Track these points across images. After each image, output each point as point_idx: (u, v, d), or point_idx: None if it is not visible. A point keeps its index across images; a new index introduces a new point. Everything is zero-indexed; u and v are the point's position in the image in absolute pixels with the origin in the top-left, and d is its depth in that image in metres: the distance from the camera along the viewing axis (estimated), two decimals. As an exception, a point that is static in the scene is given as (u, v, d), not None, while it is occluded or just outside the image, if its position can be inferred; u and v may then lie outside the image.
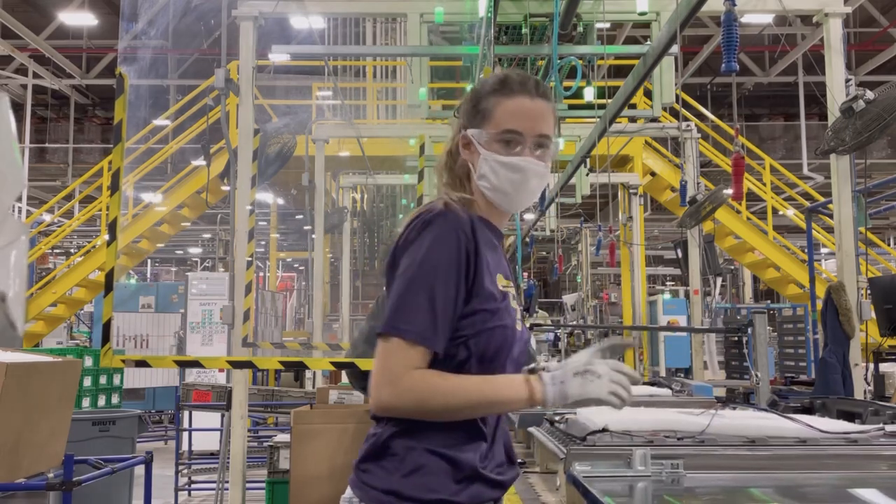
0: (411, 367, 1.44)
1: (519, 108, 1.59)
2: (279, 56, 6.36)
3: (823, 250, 16.45)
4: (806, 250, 7.85)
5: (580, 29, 5.23)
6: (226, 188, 5.78)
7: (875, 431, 2.25)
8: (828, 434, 2.19)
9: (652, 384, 4.20)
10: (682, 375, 9.85)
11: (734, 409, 2.84)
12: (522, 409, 1.53)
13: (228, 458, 4.78)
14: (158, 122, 12.12)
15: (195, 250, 24.76)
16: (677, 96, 5.69)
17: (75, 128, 18.11)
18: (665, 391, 3.87)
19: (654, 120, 7.73)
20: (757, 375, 3.69)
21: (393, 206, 15.30)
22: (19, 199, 14.42)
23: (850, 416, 2.77)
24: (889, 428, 2.30)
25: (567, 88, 5.37)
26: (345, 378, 8.25)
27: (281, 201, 14.88)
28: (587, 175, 8.89)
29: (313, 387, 8.39)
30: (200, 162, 10.01)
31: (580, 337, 11.88)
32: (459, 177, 1.66)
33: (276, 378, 9.12)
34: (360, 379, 4.03)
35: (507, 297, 1.59)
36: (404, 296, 1.47)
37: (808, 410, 3.01)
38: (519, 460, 1.73)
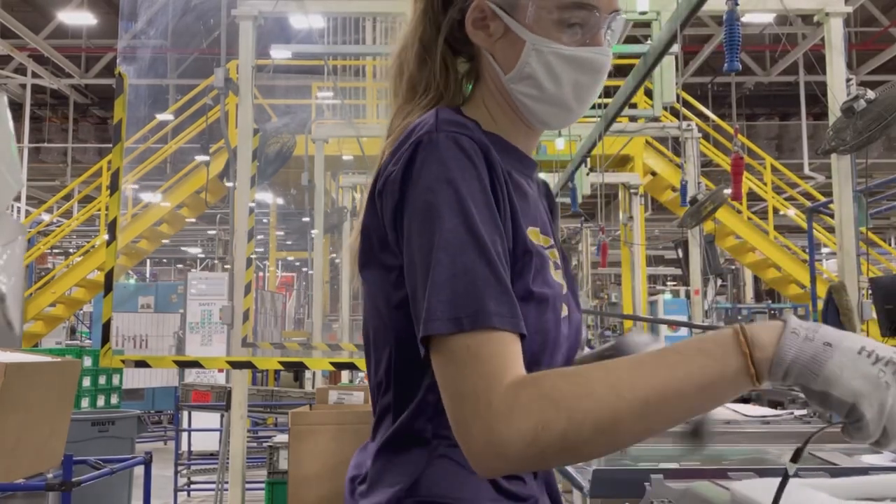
0: (514, 370, 0.85)
1: None
2: (281, 53, 6.34)
3: (824, 250, 16.45)
4: (807, 250, 7.84)
5: (581, 28, 5.21)
6: (228, 186, 5.77)
7: (786, 415, 2.69)
8: (748, 417, 2.60)
9: None
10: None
11: None
12: (737, 394, 0.84)
13: (228, 458, 4.77)
14: (161, 116, 12.10)
15: (195, 250, 24.74)
16: (678, 96, 5.68)
17: (63, 127, 18.11)
18: None
19: (655, 119, 7.73)
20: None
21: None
22: (18, 199, 14.42)
23: (775, 404, 3.21)
24: (797, 412, 2.73)
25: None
26: (344, 378, 8.26)
27: (281, 201, 14.87)
28: (587, 175, 8.89)
29: (313, 387, 8.37)
30: (202, 158, 10.00)
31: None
32: (439, 85, 1.06)
33: (276, 378, 9.11)
34: None
35: (546, 260, 1.01)
36: (441, 260, 0.88)
37: (745, 401, 3.37)
38: None
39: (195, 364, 5.49)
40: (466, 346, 0.85)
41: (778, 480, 0.91)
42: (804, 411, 2.77)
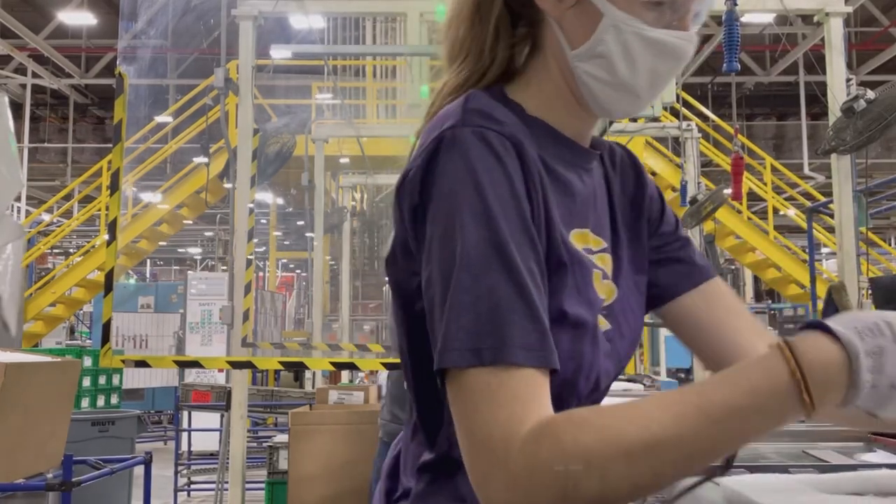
0: (539, 412, 0.74)
1: None
2: (281, 53, 6.34)
3: (824, 250, 16.44)
4: (807, 250, 7.84)
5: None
6: (228, 186, 5.77)
7: None
8: None
9: (627, 380, 4.43)
10: (684, 375, 9.83)
11: None
12: (785, 423, 0.73)
13: (228, 458, 4.77)
14: (160, 118, 12.12)
15: (195, 250, 24.75)
16: (678, 96, 5.68)
17: (63, 127, 18.13)
18: (637, 386, 4.13)
19: (655, 119, 7.72)
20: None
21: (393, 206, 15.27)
22: (18, 199, 14.42)
23: None
24: None
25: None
26: (344, 378, 8.26)
27: (280, 201, 14.87)
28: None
29: (313, 387, 8.38)
30: (202, 159, 10.02)
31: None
32: (483, 52, 0.92)
33: (276, 378, 9.11)
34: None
35: (588, 271, 0.89)
36: (462, 281, 0.77)
37: None
38: None
39: (195, 364, 5.49)
40: (486, 383, 0.74)
41: (770, 476, 0.88)
42: None
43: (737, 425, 0.71)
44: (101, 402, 8.73)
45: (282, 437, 4.83)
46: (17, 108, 15.65)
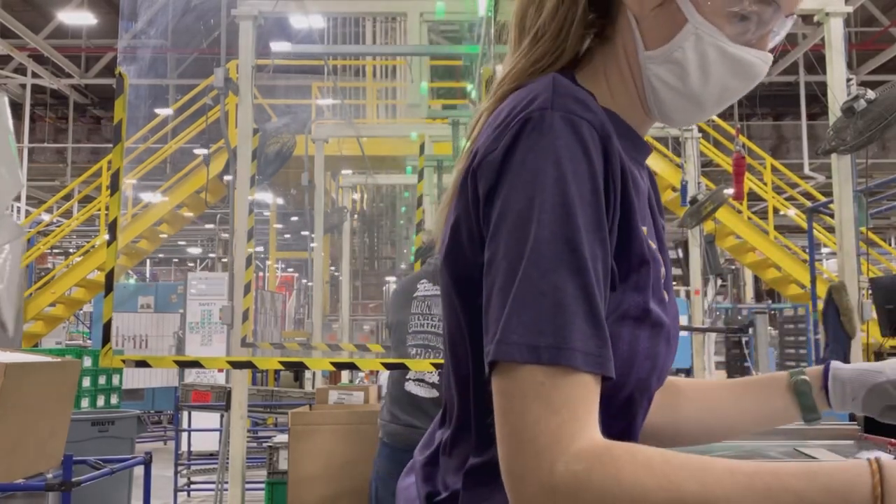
0: (590, 432, 0.73)
1: None
2: (282, 49, 6.34)
3: (824, 250, 16.45)
4: (807, 250, 7.84)
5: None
6: (228, 178, 5.77)
7: None
8: None
9: None
10: (684, 376, 9.84)
11: None
12: None
13: (228, 458, 4.77)
14: (162, 111, 12.12)
15: (195, 250, 24.75)
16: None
17: (63, 127, 18.12)
18: None
19: (655, 119, 7.70)
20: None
21: (393, 206, 15.29)
22: (18, 199, 14.42)
23: None
24: None
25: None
26: (344, 378, 8.26)
27: (281, 201, 14.88)
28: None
29: (313, 387, 8.38)
30: (202, 151, 10.02)
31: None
32: (558, 34, 0.88)
33: (276, 378, 9.11)
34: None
35: (660, 271, 0.88)
36: (529, 274, 0.74)
37: None
38: None
39: (195, 364, 5.48)
40: (540, 383, 0.72)
41: None
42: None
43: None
44: (100, 402, 8.73)
45: (282, 437, 4.83)
46: (16, 108, 15.65)
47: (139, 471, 4.15)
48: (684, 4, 0.83)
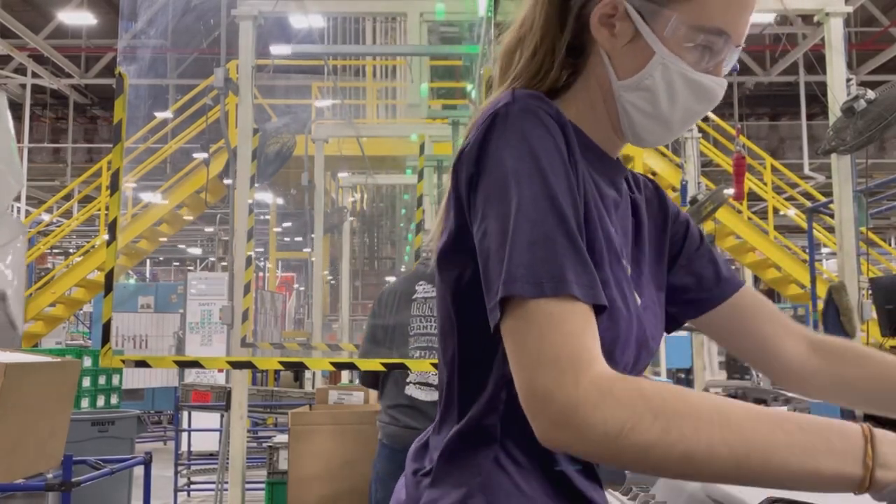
0: (598, 354, 0.81)
1: None
2: (281, 50, 6.34)
3: (824, 250, 16.45)
4: (807, 250, 7.83)
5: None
6: (228, 182, 5.78)
7: None
8: None
9: None
10: (684, 376, 9.84)
11: None
12: (831, 491, 0.77)
13: (228, 458, 4.77)
14: (161, 114, 12.12)
15: (195, 250, 24.75)
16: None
17: (62, 127, 18.12)
18: None
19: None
20: (757, 375, 3.69)
21: (393, 206, 15.30)
22: (18, 199, 14.42)
23: (760, 402, 3.23)
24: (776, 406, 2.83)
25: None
26: (344, 378, 8.26)
27: (281, 201, 14.88)
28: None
29: (313, 387, 8.38)
30: (202, 155, 10.02)
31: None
32: (536, 73, 1.00)
33: (276, 378, 9.11)
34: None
35: (617, 252, 0.97)
36: (521, 226, 0.84)
37: (733, 397, 3.34)
38: None
39: (195, 364, 5.49)
40: (550, 312, 0.81)
41: None
42: (786, 408, 2.88)
43: (798, 457, 0.76)
44: (100, 402, 8.73)
45: (282, 437, 4.83)
46: (16, 108, 15.65)
47: (139, 471, 4.15)
48: (651, 39, 0.94)
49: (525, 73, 1.00)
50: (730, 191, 7.08)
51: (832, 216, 5.52)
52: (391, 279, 15.37)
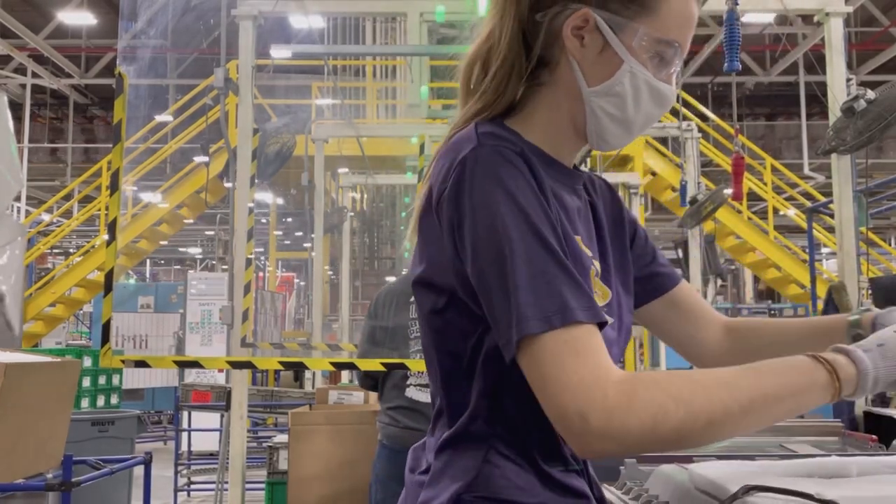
0: (612, 364, 0.91)
1: (690, 13, 1.06)
2: (281, 53, 6.34)
3: (824, 250, 16.45)
4: (807, 250, 7.83)
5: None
6: (228, 185, 5.78)
7: None
8: None
9: None
10: (683, 375, 9.83)
11: None
12: (820, 403, 0.95)
13: (228, 458, 4.77)
14: (161, 117, 12.12)
15: (195, 250, 24.74)
16: (678, 96, 5.67)
17: (62, 127, 18.12)
18: None
19: (655, 119, 7.70)
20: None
21: (393, 206, 15.29)
22: (18, 199, 14.41)
23: None
24: None
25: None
26: (344, 378, 8.26)
27: (281, 201, 14.88)
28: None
29: (313, 387, 8.38)
30: (202, 158, 10.03)
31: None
32: (498, 88, 1.06)
33: (276, 378, 9.11)
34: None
35: (586, 270, 1.04)
36: (517, 266, 0.92)
37: None
38: None
39: (195, 364, 5.49)
40: (563, 341, 0.90)
41: (734, 462, 1.15)
42: None
43: (785, 386, 0.93)
44: (100, 402, 8.73)
45: (282, 437, 4.83)
46: (16, 108, 15.65)
47: (139, 471, 4.15)
48: (620, 50, 1.03)
49: (490, 87, 1.06)
50: (729, 191, 7.09)
51: (832, 216, 5.52)
52: (391, 279, 15.37)
